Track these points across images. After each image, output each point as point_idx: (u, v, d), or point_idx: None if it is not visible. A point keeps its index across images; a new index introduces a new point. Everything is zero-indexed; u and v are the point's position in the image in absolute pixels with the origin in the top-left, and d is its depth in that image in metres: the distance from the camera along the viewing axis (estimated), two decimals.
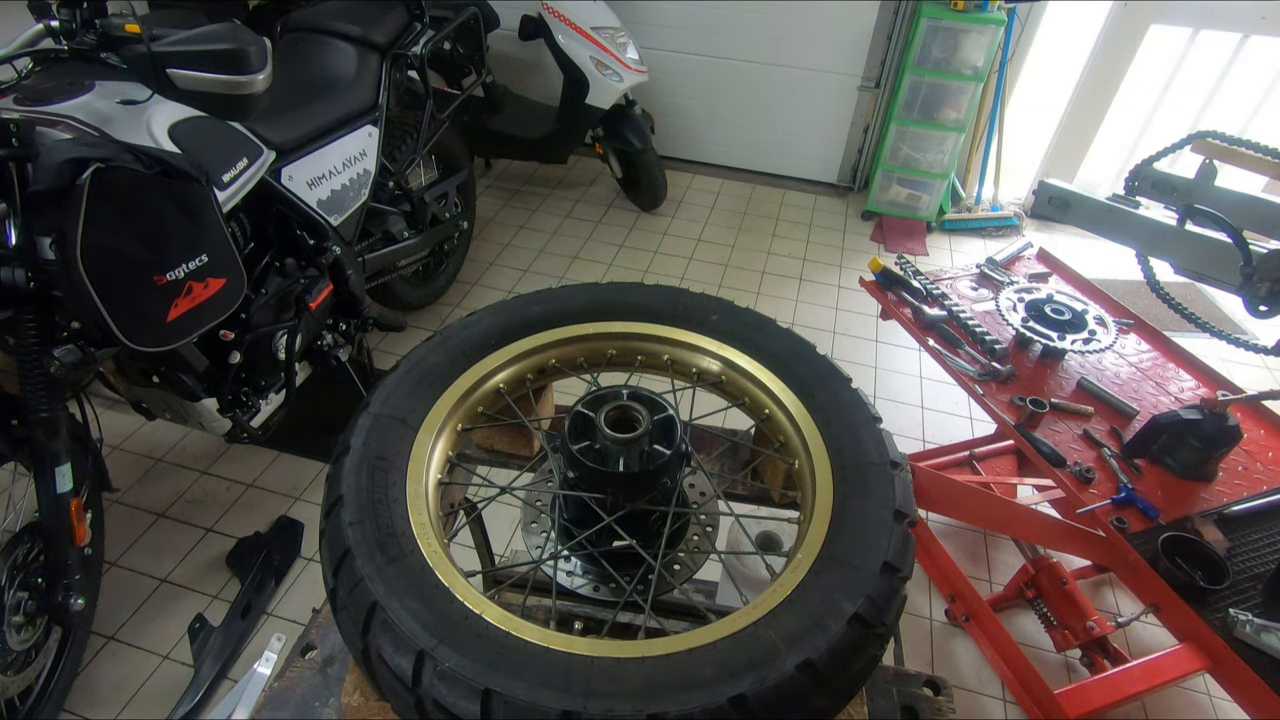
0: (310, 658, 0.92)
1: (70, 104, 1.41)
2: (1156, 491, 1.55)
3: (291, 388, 2.02)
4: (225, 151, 1.68)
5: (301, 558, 2.16)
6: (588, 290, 1.09)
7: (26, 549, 1.58)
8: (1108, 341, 1.81)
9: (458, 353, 0.97)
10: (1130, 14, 3.41)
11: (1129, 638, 2.07)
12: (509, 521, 2.24)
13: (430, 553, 0.74)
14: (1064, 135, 3.82)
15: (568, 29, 3.25)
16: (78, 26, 1.48)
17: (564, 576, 0.94)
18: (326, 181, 2.05)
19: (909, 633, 2.06)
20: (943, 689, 0.95)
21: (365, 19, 2.29)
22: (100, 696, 1.82)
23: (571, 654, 0.66)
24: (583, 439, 0.87)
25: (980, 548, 2.32)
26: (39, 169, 1.24)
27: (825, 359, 0.99)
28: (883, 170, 3.75)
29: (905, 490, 0.82)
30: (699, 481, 1.07)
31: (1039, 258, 2.27)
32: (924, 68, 3.42)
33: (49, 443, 1.49)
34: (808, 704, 0.65)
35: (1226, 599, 1.37)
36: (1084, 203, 1.68)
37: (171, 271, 1.46)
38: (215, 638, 1.89)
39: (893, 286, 2.07)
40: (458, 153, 2.95)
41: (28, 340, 1.37)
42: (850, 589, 0.72)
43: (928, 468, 2.11)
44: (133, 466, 2.38)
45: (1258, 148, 1.54)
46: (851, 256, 3.67)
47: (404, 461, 0.83)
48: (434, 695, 0.64)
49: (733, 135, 4.19)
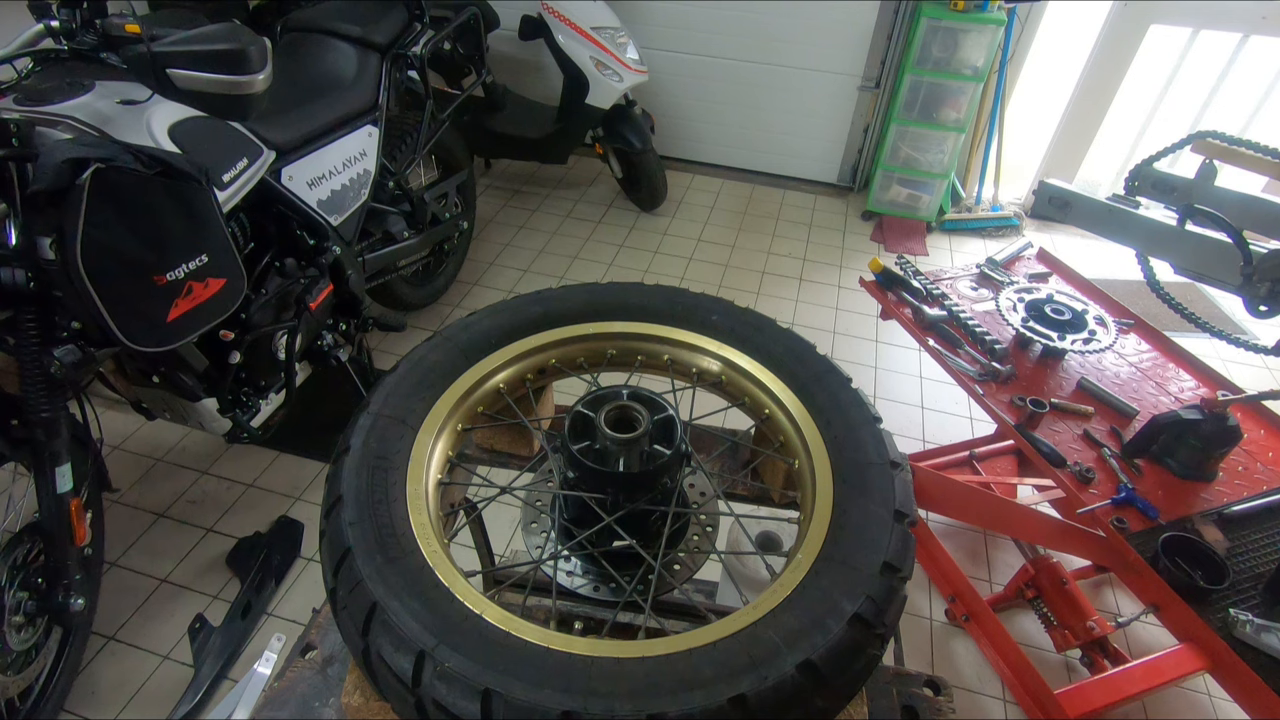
0: (310, 658, 0.92)
1: (70, 104, 1.41)
2: (1156, 491, 1.55)
3: (291, 388, 2.02)
4: (225, 151, 1.68)
5: (301, 558, 2.16)
6: (588, 290, 1.09)
7: (26, 549, 1.59)
8: (1108, 341, 1.81)
9: (458, 353, 0.97)
10: (1130, 14, 3.41)
11: (1129, 638, 2.07)
12: (509, 521, 2.24)
13: (430, 553, 0.74)
14: (1064, 135, 3.82)
15: (568, 29, 3.25)
16: (78, 26, 1.48)
17: (564, 576, 0.94)
18: (326, 181, 2.05)
19: (909, 633, 2.06)
20: (943, 689, 0.95)
21: (365, 19, 2.29)
22: (100, 696, 1.82)
23: (571, 654, 0.66)
24: (583, 439, 0.87)
25: (980, 548, 2.32)
26: (39, 169, 1.24)
27: (825, 359, 0.99)
28: (883, 170, 3.75)
29: (905, 490, 0.82)
30: (699, 481, 1.07)
31: (1039, 258, 2.27)
32: (924, 68, 3.42)
33: (49, 443, 1.49)
34: (808, 704, 0.65)
35: (1226, 599, 1.37)
36: (1084, 203, 1.68)
37: (171, 271, 1.46)
38: (215, 638, 1.89)
39: (893, 286, 2.07)
40: (458, 153, 2.95)
41: (28, 340, 1.38)
42: (850, 589, 0.72)
43: (928, 468, 2.11)
44: (133, 466, 2.38)
45: (1258, 148, 1.54)
46: (851, 256, 3.67)
47: (404, 461, 0.83)
48: (434, 695, 0.64)
49: (733, 135, 4.19)
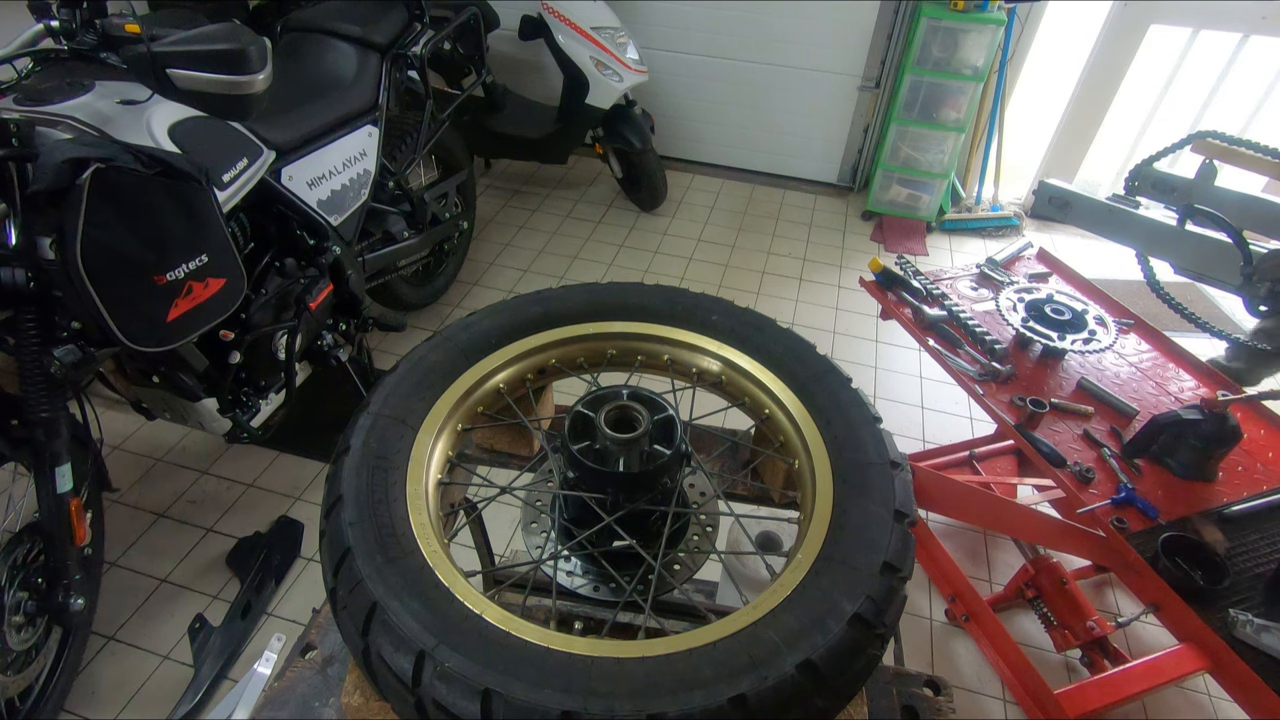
0: (310, 658, 0.92)
1: (70, 104, 1.41)
2: (1156, 491, 1.55)
3: (291, 388, 2.02)
4: (225, 151, 1.68)
5: (301, 558, 2.15)
6: (587, 290, 1.09)
7: (26, 549, 1.58)
8: (1108, 341, 1.81)
9: (458, 353, 0.97)
10: (1130, 14, 3.41)
11: (1129, 638, 2.07)
12: (509, 521, 2.24)
13: (430, 553, 0.74)
14: (1064, 135, 3.82)
15: (568, 29, 3.25)
16: (78, 26, 1.48)
17: (564, 576, 0.94)
18: (326, 181, 2.05)
19: (909, 633, 2.06)
20: (943, 689, 0.95)
21: (365, 19, 2.29)
22: (100, 696, 1.82)
23: (571, 654, 0.66)
24: (583, 439, 0.87)
25: (980, 548, 2.32)
26: (39, 169, 1.24)
27: (825, 359, 0.99)
28: (883, 170, 3.75)
29: (905, 490, 0.82)
30: (699, 481, 1.07)
31: (1039, 258, 2.27)
32: (924, 68, 3.42)
33: (49, 443, 1.49)
34: (808, 704, 0.65)
35: (1226, 599, 1.37)
36: (1084, 203, 1.68)
37: (171, 271, 1.46)
38: (215, 638, 1.89)
39: (893, 286, 2.07)
40: (458, 153, 2.95)
41: (28, 340, 1.37)
42: (850, 589, 0.72)
43: (928, 468, 2.11)
44: (133, 466, 2.38)
45: (1258, 148, 1.54)
46: (851, 256, 3.67)
47: (404, 461, 0.83)
48: (434, 695, 0.64)
49: (733, 135, 4.19)
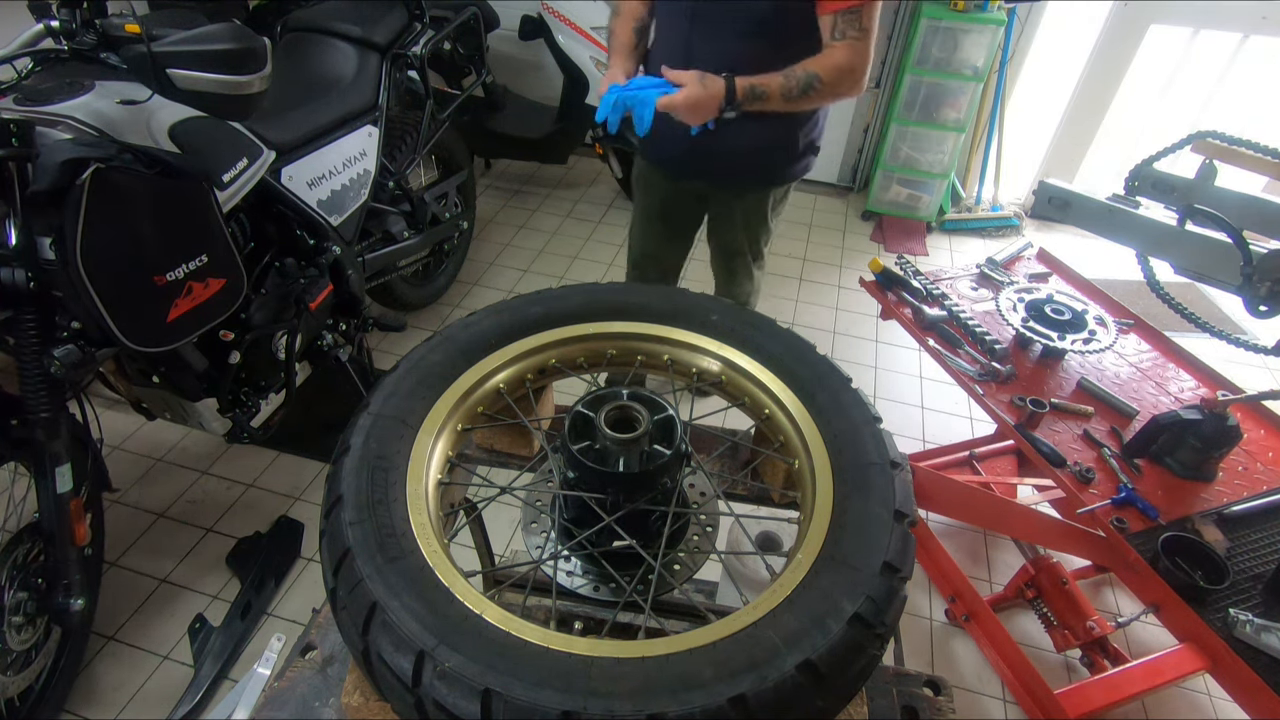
0: (310, 658, 0.92)
1: (70, 104, 1.41)
2: (1156, 491, 1.55)
3: (291, 388, 2.01)
4: (225, 151, 1.68)
5: (301, 558, 2.15)
6: (587, 290, 1.09)
7: (26, 549, 1.58)
8: (1108, 341, 1.81)
9: (458, 353, 0.97)
10: (1130, 14, 3.41)
11: (1129, 638, 2.06)
12: (509, 521, 2.24)
13: (430, 553, 0.74)
14: (1064, 135, 3.82)
15: (568, 29, 3.25)
16: (78, 26, 1.48)
17: (564, 576, 0.94)
18: (326, 181, 2.05)
19: (909, 633, 2.06)
20: (943, 689, 0.95)
21: (365, 19, 2.28)
22: (100, 696, 1.82)
23: (571, 654, 0.66)
24: (583, 439, 0.87)
25: (980, 548, 2.32)
26: (39, 169, 1.24)
27: (825, 359, 0.99)
28: (883, 170, 3.75)
29: (905, 490, 0.82)
30: (699, 481, 1.07)
31: (1039, 258, 2.27)
32: (924, 68, 3.42)
33: (49, 443, 1.49)
34: (808, 704, 0.65)
35: (1226, 599, 1.37)
36: (1084, 203, 1.67)
37: (171, 272, 1.46)
38: (215, 638, 1.89)
39: (893, 286, 2.07)
40: (458, 153, 2.95)
41: (28, 340, 1.37)
42: (850, 589, 0.72)
43: (928, 468, 2.11)
44: (133, 466, 2.37)
45: (1258, 148, 1.54)
46: (851, 256, 3.67)
47: (404, 461, 0.83)
48: (434, 695, 0.64)
49: None
